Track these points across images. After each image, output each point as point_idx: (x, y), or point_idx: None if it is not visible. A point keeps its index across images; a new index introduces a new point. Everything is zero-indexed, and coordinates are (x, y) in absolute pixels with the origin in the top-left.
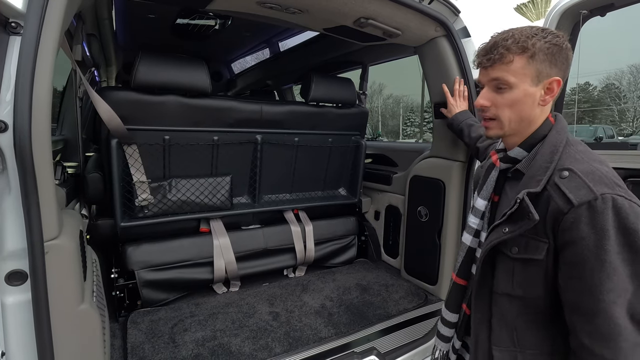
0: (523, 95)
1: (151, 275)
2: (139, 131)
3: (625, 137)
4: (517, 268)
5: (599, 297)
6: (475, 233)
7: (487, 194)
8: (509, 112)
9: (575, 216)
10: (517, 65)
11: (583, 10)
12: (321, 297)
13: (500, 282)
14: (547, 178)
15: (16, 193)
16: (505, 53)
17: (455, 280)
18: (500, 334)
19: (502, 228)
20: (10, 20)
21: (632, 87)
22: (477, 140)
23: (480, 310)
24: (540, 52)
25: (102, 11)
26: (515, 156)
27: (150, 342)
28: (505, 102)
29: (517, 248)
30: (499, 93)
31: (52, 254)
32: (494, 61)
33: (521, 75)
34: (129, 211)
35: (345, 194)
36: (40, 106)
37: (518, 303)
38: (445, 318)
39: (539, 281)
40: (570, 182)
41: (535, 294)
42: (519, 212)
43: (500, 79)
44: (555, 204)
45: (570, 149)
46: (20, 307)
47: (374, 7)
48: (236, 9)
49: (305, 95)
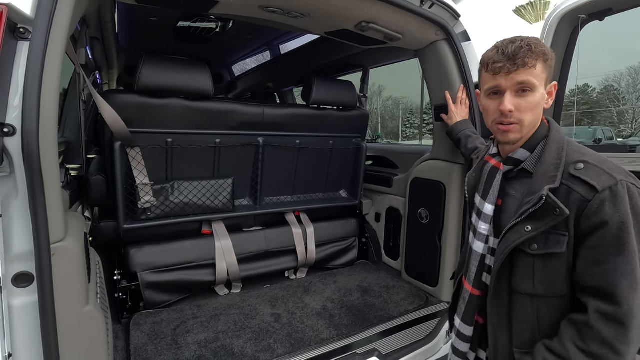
0: (541, 98)
1: (154, 277)
2: (142, 134)
3: (624, 138)
4: (537, 265)
5: (620, 280)
6: (486, 239)
7: (494, 198)
8: (531, 115)
9: (600, 201)
10: (539, 69)
11: (582, 15)
12: (322, 298)
13: (520, 282)
14: (561, 173)
15: (23, 196)
16: (531, 58)
17: (472, 292)
18: (522, 336)
19: (523, 227)
20: (18, 25)
21: (630, 89)
22: (473, 152)
23: (497, 314)
24: (551, 58)
25: (105, 15)
26: (520, 157)
27: (153, 344)
28: (529, 105)
29: (537, 244)
30: (521, 97)
31: (59, 256)
32: (520, 65)
33: (541, 78)
34: (131, 213)
35: (346, 196)
36: (47, 110)
37: (540, 302)
38: (461, 332)
39: (560, 276)
40: (589, 171)
41: (557, 291)
42: (544, 209)
43: (527, 82)
44: (577, 194)
45: (571, 145)
46: (27, 309)
47: (375, 11)
48: (239, 13)
49: (307, 98)
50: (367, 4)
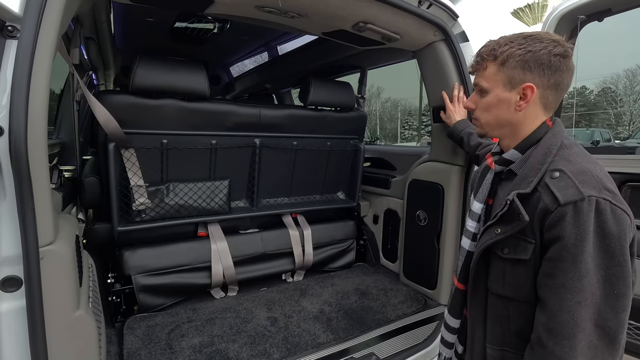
0: (496, 100)
1: (148, 280)
2: (136, 135)
3: (621, 140)
4: (507, 268)
5: (566, 296)
6: (473, 237)
7: (483, 197)
8: (486, 115)
9: (561, 214)
10: (489, 72)
11: (581, 16)
12: (320, 301)
13: (492, 283)
14: (539, 179)
15: (11, 198)
16: (480, 61)
17: (457, 285)
18: (494, 333)
19: (494, 229)
20: (6, 23)
21: (628, 91)
22: (477, 148)
23: (475, 310)
24: (510, 59)
25: (100, 14)
26: (510, 158)
27: (147, 348)
28: (483, 106)
29: (508, 249)
30: (481, 97)
31: (48, 260)
32: (475, 68)
33: (493, 81)
34: (126, 215)
35: (343, 198)
36: (36, 111)
37: (509, 304)
38: (448, 323)
39: (527, 282)
40: (560, 182)
41: (524, 296)
42: (510, 213)
43: (478, 84)
44: (543, 203)
45: (564, 151)
46: (15, 314)
47: (373, 11)
48: (235, 13)
49: (304, 99)
50: (364, 4)
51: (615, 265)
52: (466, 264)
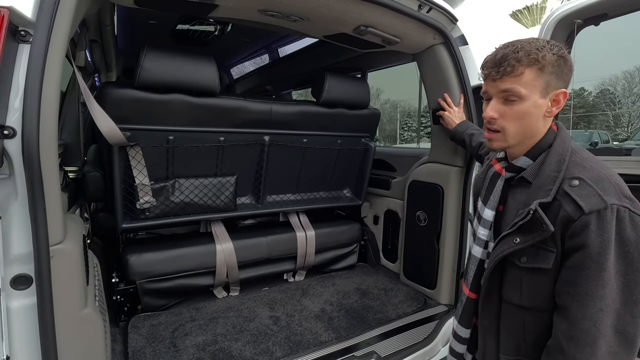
0: (533, 107)
1: (153, 285)
2: (142, 131)
3: (620, 142)
4: (525, 277)
5: (589, 304)
6: (485, 245)
7: (494, 204)
8: (517, 125)
9: (585, 223)
10: (528, 77)
11: (577, 20)
12: (321, 301)
13: (508, 292)
14: (557, 187)
15: (23, 198)
16: (516, 65)
17: (468, 295)
18: (508, 343)
19: (512, 238)
20: (20, 28)
21: (626, 93)
22: (479, 148)
23: (487, 318)
24: (549, 65)
25: (104, 18)
26: (521, 165)
27: (151, 347)
28: (514, 115)
29: (526, 257)
30: (507, 105)
31: (57, 259)
32: (505, 73)
33: (532, 87)
34: (130, 213)
35: (350, 196)
36: (47, 113)
37: (526, 314)
38: (458, 334)
39: (546, 291)
40: (581, 190)
41: (542, 305)
42: (532, 223)
43: (511, 90)
44: (565, 212)
45: (575, 156)
46: (25, 311)
47: (374, 15)
48: (238, 16)
49: (317, 95)
50: (365, 8)
51: (634, 271)
52: (478, 273)
